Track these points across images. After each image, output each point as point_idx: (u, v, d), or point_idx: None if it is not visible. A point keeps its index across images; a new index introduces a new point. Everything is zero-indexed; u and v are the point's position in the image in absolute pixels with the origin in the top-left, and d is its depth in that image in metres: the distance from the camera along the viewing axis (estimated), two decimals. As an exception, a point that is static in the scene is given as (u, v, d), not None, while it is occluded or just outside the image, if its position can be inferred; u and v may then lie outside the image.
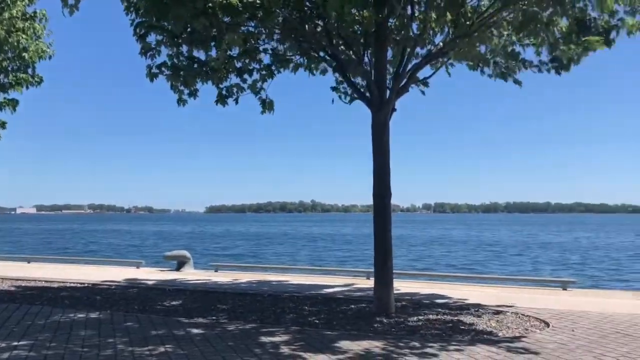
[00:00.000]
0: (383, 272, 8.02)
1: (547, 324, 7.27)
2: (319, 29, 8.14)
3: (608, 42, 7.77)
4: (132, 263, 15.76)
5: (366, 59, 8.53)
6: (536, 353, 5.77)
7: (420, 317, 7.75)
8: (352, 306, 8.74)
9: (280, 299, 9.49)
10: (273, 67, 8.96)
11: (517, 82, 9.06)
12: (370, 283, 9.71)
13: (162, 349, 5.92)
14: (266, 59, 8.87)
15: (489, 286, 11.57)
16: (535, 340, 6.38)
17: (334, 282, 11.79)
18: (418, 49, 8.74)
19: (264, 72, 8.91)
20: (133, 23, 7.85)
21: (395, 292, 8.56)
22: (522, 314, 7.97)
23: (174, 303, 9.13)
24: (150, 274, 13.24)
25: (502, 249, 36.54)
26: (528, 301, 9.16)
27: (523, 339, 6.42)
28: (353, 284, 11.44)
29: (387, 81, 8.38)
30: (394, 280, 8.17)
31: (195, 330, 6.86)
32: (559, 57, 8.25)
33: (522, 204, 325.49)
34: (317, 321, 7.58)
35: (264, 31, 8.25)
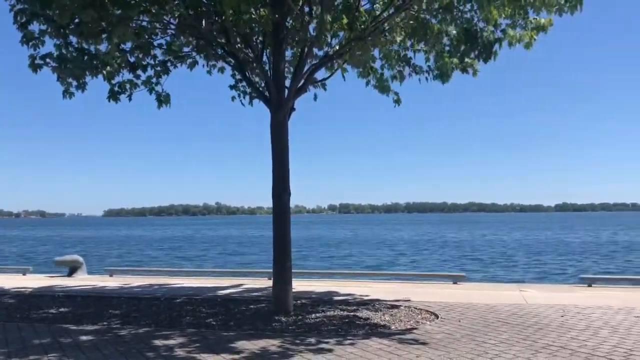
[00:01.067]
0: (282, 271, 8.04)
1: (437, 316, 7.62)
2: (216, 26, 8.03)
3: (488, 57, 8.23)
4: (19, 270, 14.70)
5: (265, 58, 8.54)
6: (424, 343, 6.04)
7: (319, 315, 7.86)
8: (252, 306, 8.69)
9: (176, 302, 9.24)
10: (168, 63, 8.72)
11: (398, 101, 9.43)
12: (271, 283, 9.71)
13: (44, 359, 5.56)
14: (161, 54, 8.61)
15: (388, 282, 11.96)
16: (424, 331, 6.67)
17: (234, 284, 11.67)
18: (317, 51, 8.90)
19: (158, 68, 8.64)
20: (13, 9, 7.30)
21: (295, 291, 8.60)
22: (415, 308, 8.30)
23: (62, 310, 8.62)
24: (38, 281, 12.41)
25: (405, 247, 37.91)
26: (422, 295, 9.56)
27: (414, 331, 6.69)
28: (254, 285, 11.39)
29: (286, 81, 8.43)
30: (295, 279, 8.23)
31: (84, 338, 6.52)
32: (442, 67, 8.69)
33: (421, 204, 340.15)
34: (215, 323, 7.46)
35: (158, 26, 8.01)
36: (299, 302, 8.77)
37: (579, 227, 72.24)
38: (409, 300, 8.96)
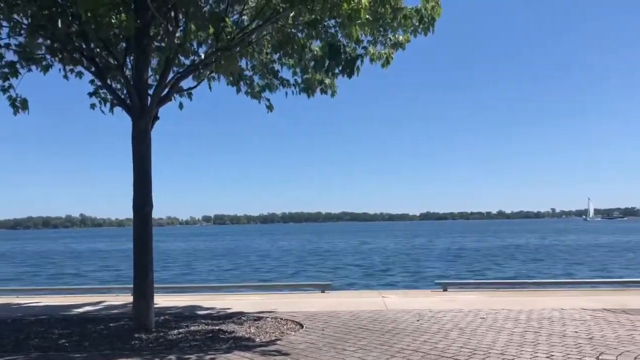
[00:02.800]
0: (142, 286, 7.70)
1: (302, 326, 7.73)
2: (74, 29, 7.56)
3: (351, 72, 8.58)
4: None
5: (128, 65, 8.18)
6: (287, 354, 6.09)
7: (181, 330, 7.62)
8: (111, 325, 8.21)
9: (25, 323, 8.48)
10: (18, 65, 8.03)
11: (270, 107, 9.53)
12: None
13: None
14: (11, 55, 7.92)
15: (254, 294, 11.92)
16: (288, 342, 6.73)
17: (94, 301, 10.97)
18: (184, 59, 8.71)
19: (6, 70, 7.94)
20: None
21: (158, 306, 8.27)
22: (281, 318, 8.35)
23: None
24: None
25: (279, 256, 38.07)
26: (288, 305, 9.65)
27: (277, 342, 6.72)
28: (116, 302, 10.79)
29: (150, 89, 8.14)
30: (158, 294, 7.90)
31: None
32: (307, 81, 8.92)
33: (297, 214, 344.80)
34: (67, 344, 6.95)
35: (7, 25, 7.37)
36: (161, 318, 8.45)
37: (443, 235, 77.30)
38: (276, 311, 9.00)
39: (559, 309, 8.77)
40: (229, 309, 9.45)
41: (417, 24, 7.67)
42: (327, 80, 9.27)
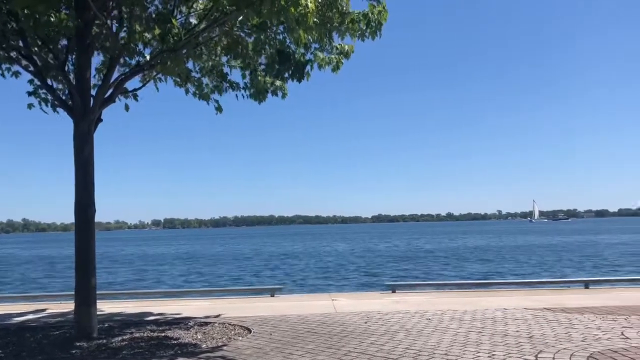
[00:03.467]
0: (85, 291, 7.46)
1: (250, 331, 7.66)
2: (10, 27, 7.26)
3: (301, 77, 8.59)
4: None
5: (70, 64, 7.92)
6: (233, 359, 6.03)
7: (125, 337, 7.42)
8: (51, 333, 7.92)
9: (-42, 334, 8.08)
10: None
11: (219, 108, 9.43)
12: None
13: None
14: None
15: (204, 299, 11.74)
16: (235, 347, 6.65)
17: (36, 309, 10.56)
18: (129, 59, 8.50)
19: None
20: None
21: (103, 313, 8.02)
22: (229, 324, 8.25)
23: None
24: None
25: (230, 260, 37.65)
26: (237, 310, 9.56)
27: (224, 348, 6.64)
28: (58, 310, 10.41)
29: (93, 89, 7.91)
30: (104, 301, 7.66)
31: None
32: (257, 85, 8.87)
33: (250, 217, 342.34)
34: (3, 355, 6.65)
35: None
36: (105, 325, 8.22)
37: (395, 236, 78.28)
38: (224, 316, 8.90)
39: (502, 309, 9.02)
40: (177, 314, 9.28)
41: (364, 28, 7.74)
42: (278, 83, 9.25)
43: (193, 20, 8.28)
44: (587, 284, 11.98)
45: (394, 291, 11.87)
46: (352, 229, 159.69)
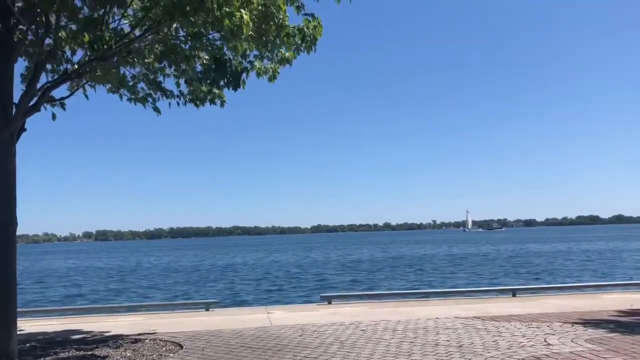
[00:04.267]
0: (5, 311, 7.05)
1: (182, 347, 7.48)
2: None
3: (237, 86, 8.54)
4: None
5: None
6: (163, 378, 5.85)
7: (48, 358, 7.07)
8: (-34, 356, 7.44)
9: None
10: None
11: (157, 109, 9.23)
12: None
13: None
14: None
15: (136, 314, 11.36)
16: (165, 364, 6.47)
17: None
18: (57, 66, 8.17)
19: None
20: None
21: (25, 332, 7.59)
22: (161, 340, 8.02)
23: None
24: None
25: (165, 273, 36.69)
26: (170, 326, 9.31)
27: (154, 366, 6.44)
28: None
29: (16, 97, 7.54)
30: (28, 318, 7.24)
31: None
32: (194, 93, 8.76)
33: (186, 229, 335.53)
34: None
35: None
36: (27, 345, 7.80)
37: (334, 247, 78.70)
38: (156, 333, 8.65)
39: (434, 319, 9.22)
40: (106, 332, 8.93)
41: (299, 42, 7.79)
42: (216, 90, 9.13)
43: (125, 28, 8.07)
44: (514, 292, 12.45)
45: (329, 303, 11.91)
46: (291, 240, 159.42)
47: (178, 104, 9.20)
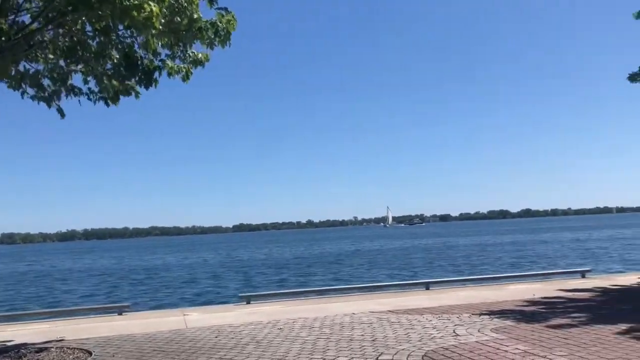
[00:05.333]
0: None
1: (90, 354, 7.16)
2: None
3: (149, 84, 8.28)
4: None
5: None
6: (67, 388, 5.58)
7: (-60, 373, 6.57)
8: None
9: None
10: None
11: (60, 111, 8.78)
12: None
13: None
14: None
15: (42, 322, 10.77)
16: (71, 373, 6.17)
17: None
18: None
19: None
20: None
21: None
22: (68, 347, 7.63)
23: None
24: None
25: (79, 277, 35.01)
26: (80, 332, 8.89)
27: (58, 375, 6.13)
28: None
29: None
30: None
31: None
32: (105, 90, 8.41)
33: (101, 230, 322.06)
34: None
35: None
36: None
37: (257, 246, 78.21)
38: (64, 340, 8.23)
39: (350, 314, 9.39)
40: (8, 341, 8.40)
41: (212, 36, 7.67)
42: (129, 82, 8.78)
43: (27, 18, 7.62)
44: (427, 286, 12.90)
45: (248, 302, 11.83)
46: (212, 240, 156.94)
47: (90, 99, 8.79)
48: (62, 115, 9.00)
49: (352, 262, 36.69)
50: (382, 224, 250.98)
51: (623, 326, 7.38)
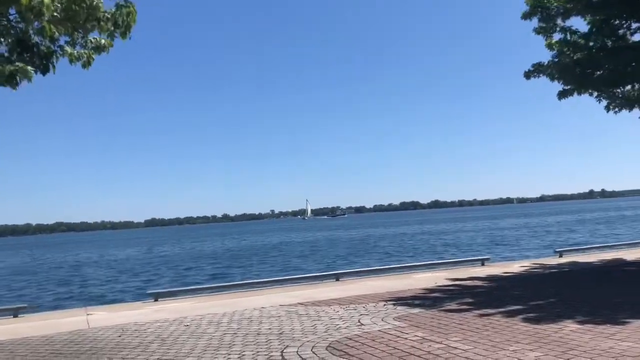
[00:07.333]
0: None
1: (-21, 360, 6.74)
2: None
3: (46, 69, 7.87)
4: None
5: None
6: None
7: None
8: None
9: None
10: None
11: None
12: None
13: None
14: None
15: None
16: (-44, 382, 5.77)
17: None
18: None
19: None
20: None
21: None
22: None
23: None
24: None
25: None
26: (-32, 337, 8.31)
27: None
28: None
29: None
30: None
31: None
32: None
33: (0, 227, 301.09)
34: None
35: None
36: None
37: (166, 241, 76.21)
38: (-50, 346, 7.66)
39: (259, 308, 9.41)
40: None
41: (112, 28, 7.39)
42: (19, 64, 8.26)
43: None
44: (337, 277, 13.16)
45: (156, 299, 11.54)
46: (123, 236, 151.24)
47: None
48: None
49: (264, 255, 36.68)
50: (299, 216, 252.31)
51: (512, 310, 7.91)
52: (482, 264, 14.70)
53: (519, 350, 5.76)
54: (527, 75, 14.20)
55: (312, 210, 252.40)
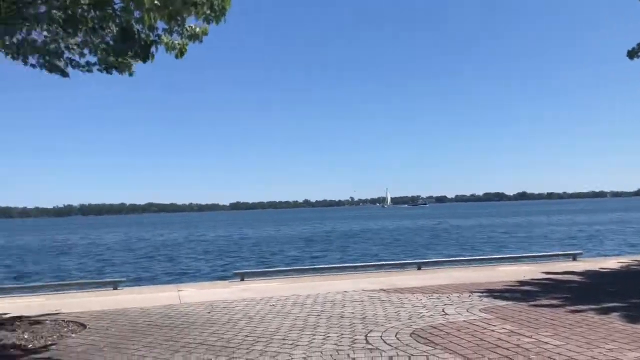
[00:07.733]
0: None
1: (85, 327, 7.27)
2: None
3: (145, 58, 8.27)
4: None
5: None
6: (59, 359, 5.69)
7: None
8: None
9: None
10: None
11: (65, 73, 8.76)
12: None
13: None
14: None
15: (37, 295, 10.87)
16: (65, 345, 6.27)
17: None
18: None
19: None
20: None
21: None
22: (63, 320, 7.74)
23: None
24: None
25: (76, 252, 35.20)
26: (76, 306, 8.99)
27: (52, 347, 6.22)
28: None
29: None
30: None
31: None
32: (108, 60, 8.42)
33: (98, 206, 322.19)
34: None
35: None
36: None
37: (257, 224, 78.45)
38: (60, 313, 8.34)
39: (342, 292, 9.50)
40: (4, 314, 8.50)
41: (208, 12, 7.63)
42: (122, 59, 8.76)
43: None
44: (419, 266, 13.02)
45: (242, 279, 11.94)
46: (210, 217, 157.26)
47: (90, 70, 8.79)
48: (67, 75, 8.96)
49: (348, 241, 36.88)
50: (378, 204, 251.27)
51: (608, 307, 7.51)
52: (574, 259, 14.01)
53: (615, 349, 5.47)
54: (631, 54, 13.19)
55: (391, 198, 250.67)
